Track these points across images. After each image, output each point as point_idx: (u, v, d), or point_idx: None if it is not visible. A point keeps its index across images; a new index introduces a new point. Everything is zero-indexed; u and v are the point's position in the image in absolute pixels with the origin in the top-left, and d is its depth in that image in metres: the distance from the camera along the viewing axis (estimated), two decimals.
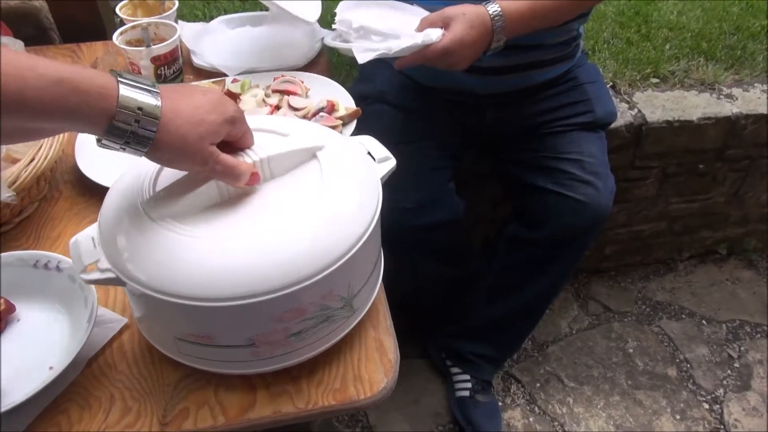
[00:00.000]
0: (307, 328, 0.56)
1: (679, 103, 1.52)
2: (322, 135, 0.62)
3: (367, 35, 0.90)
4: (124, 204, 0.56)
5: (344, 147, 0.61)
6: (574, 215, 1.15)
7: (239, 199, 0.57)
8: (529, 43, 1.09)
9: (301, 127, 0.64)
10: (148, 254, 0.52)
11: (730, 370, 1.57)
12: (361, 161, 0.62)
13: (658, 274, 1.82)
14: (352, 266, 0.55)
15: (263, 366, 0.59)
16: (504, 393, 1.52)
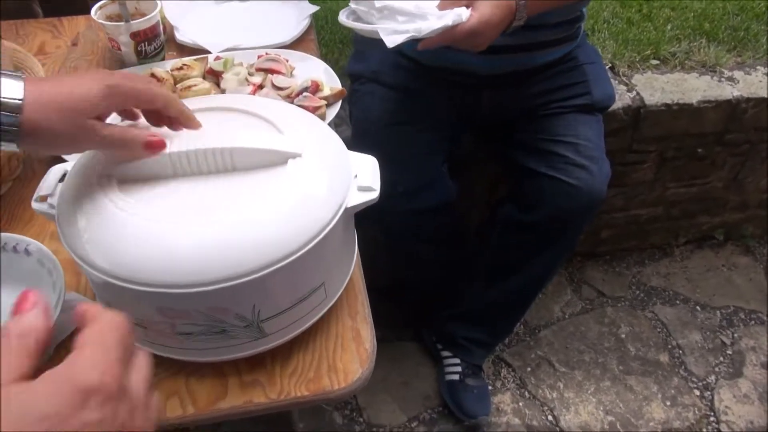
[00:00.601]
0: (275, 314, 0.55)
1: (678, 86, 1.49)
2: (309, 139, 0.58)
3: (392, 15, 0.86)
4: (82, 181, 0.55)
5: (322, 163, 0.57)
6: (567, 199, 1.13)
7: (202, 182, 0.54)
8: (532, 22, 1.05)
9: (294, 123, 0.59)
10: (101, 236, 0.50)
11: (723, 357, 1.56)
12: (334, 179, 0.57)
13: (653, 259, 1.80)
14: (317, 258, 0.53)
15: (232, 353, 0.57)
16: (494, 377, 1.52)
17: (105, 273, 0.50)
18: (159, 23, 0.94)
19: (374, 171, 0.59)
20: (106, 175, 0.55)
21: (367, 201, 0.57)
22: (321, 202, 0.54)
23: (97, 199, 0.53)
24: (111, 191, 0.53)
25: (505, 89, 1.16)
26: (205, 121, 0.59)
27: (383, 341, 1.56)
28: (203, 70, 0.92)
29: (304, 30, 1.06)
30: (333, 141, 0.61)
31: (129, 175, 0.55)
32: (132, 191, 0.54)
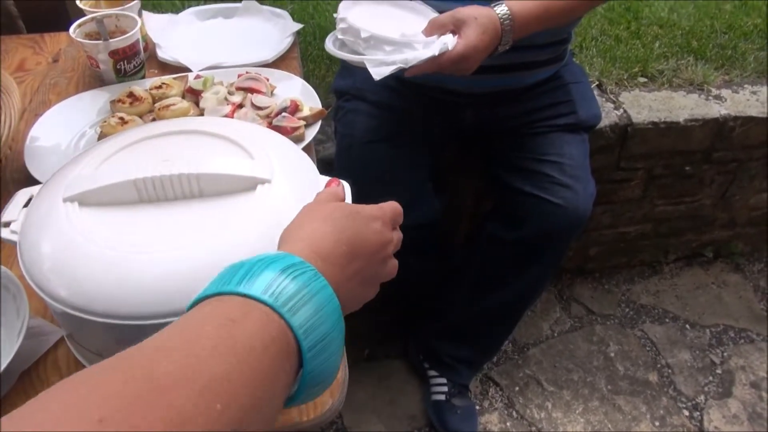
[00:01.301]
0: None
1: (666, 104, 1.49)
2: (280, 164, 0.56)
3: (378, 45, 0.85)
4: (46, 206, 0.53)
5: (292, 188, 0.55)
6: (551, 218, 1.12)
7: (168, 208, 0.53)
8: (519, 44, 1.05)
9: (266, 147, 0.58)
10: (61, 264, 0.49)
11: (712, 377, 1.55)
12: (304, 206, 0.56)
13: (643, 277, 1.79)
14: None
15: None
16: (482, 396, 1.50)
17: (62, 302, 0.49)
18: (139, 41, 0.94)
19: (345, 196, 0.58)
20: (71, 200, 0.54)
21: None
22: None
23: (59, 225, 0.52)
24: (74, 217, 0.52)
25: (489, 108, 1.16)
26: (174, 144, 0.58)
27: (372, 359, 1.57)
28: (183, 89, 0.91)
29: (287, 48, 1.06)
30: (305, 166, 0.60)
31: (93, 200, 0.53)
32: (96, 217, 0.52)
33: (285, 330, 0.34)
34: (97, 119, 0.88)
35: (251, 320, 0.33)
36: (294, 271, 0.37)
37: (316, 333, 0.35)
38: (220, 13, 1.18)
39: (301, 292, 0.36)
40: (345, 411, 1.46)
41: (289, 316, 0.34)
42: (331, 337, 0.37)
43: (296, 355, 0.35)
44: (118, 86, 0.93)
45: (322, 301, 0.36)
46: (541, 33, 1.05)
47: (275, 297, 0.35)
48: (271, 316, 0.34)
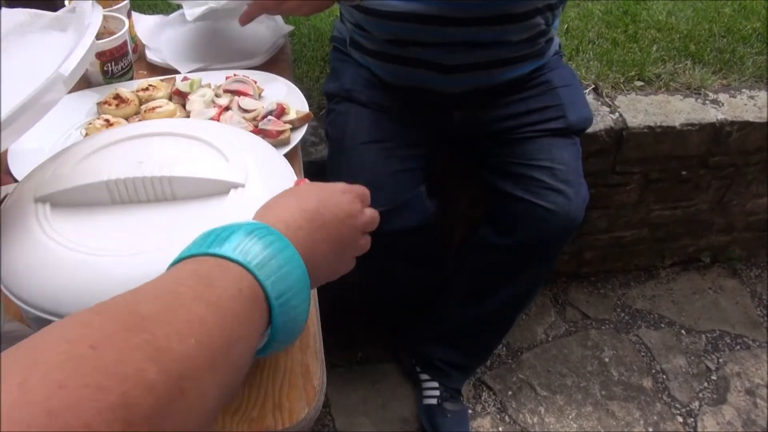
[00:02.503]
0: None
1: (662, 108, 1.48)
2: (256, 168, 0.56)
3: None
4: (18, 206, 0.53)
5: (266, 193, 0.54)
6: (543, 224, 1.11)
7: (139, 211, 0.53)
8: (489, 39, 1.05)
9: (242, 151, 0.58)
10: (29, 267, 0.49)
11: (707, 383, 1.54)
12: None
13: (639, 281, 1.78)
14: None
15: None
16: (474, 400, 1.49)
17: (34, 306, 0.49)
18: (127, 42, 0.93)
19: None
20: (42, 200, 0.53)
21: None
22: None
23: (29, 227, 0.51)
24: (44, 218, 0.52)
25: (475, 108, 1.16)
26: (152, 146, 0.58)
27: (364, 362, 1.56)
28: (169, 91, 0.90)
29: (278, 50, 1.05)
30: (282, 170, 0.59)
31: (65, 201, 0.53)
32: (67, 218, 0.52)
33: (254, 283, 0.39)
34: (84, 121, 0.87)
35: (224, 275, 0.38)
36: (259, 232, 0.41)
37: (282, 285, 0.40)
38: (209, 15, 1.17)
39: (265, 250, 0.40)
40: (337, 414, 1.45)
41: (257, 270, 0.39)
42: (297, 289, 0.41)
43: (265, 306, 0.39)
44: (106, 88, 0.92)
45: (285, 258, 0.41)
46: (509, 30, 1.05)
47: (244, 254, 0.39)
48: (241, 272, 0.39)
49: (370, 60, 1.17)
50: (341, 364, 1.54)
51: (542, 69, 1.17)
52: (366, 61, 1.18)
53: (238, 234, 0.40)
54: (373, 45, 1.15)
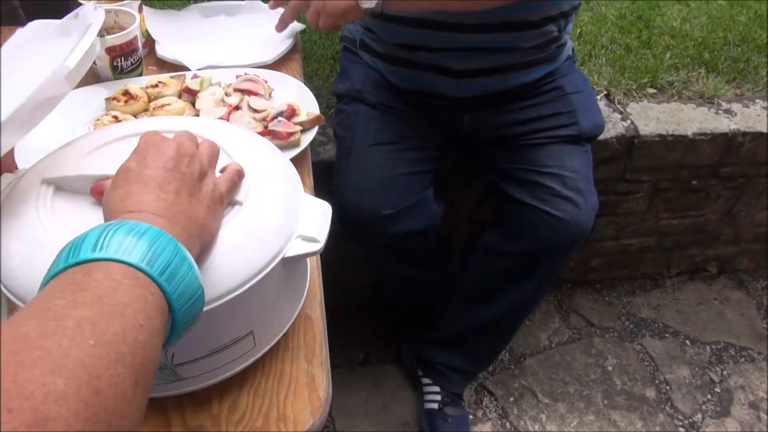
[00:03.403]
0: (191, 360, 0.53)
1: (674, 116, 1.46)
2: (258, 179, 0.55)
3: None
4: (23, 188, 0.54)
5: (264, 208, 0.53)
6: (551, 231, 1.10)
7: None
8: (500, 45, 1.04)
9: (248, 158, 0.56)
10: (18, 254, 0.49)
11: (710, 395, 1.53)
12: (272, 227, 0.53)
13: (644, 290, 1.77)
14: (242, 308, 0.51)
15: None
16: (476, 406, 1.48)
17: (11, 293, 0.48)
18: (137, 38, 0.92)
19: (323, 220, 0.56)
20: (47, 183, 0.54)
21: (308, 252, 0.54)
22: (253, 250, 0.51)
23: (26, 212, 0.51)
24: (43, 204, 0.52)
25: (485, 112, 1.15)
26: None
27: (366, 363, 1.55)
28: (179, 88, 0.89)
29: (289, 49, 1.04)
30: (286, 180, 0.58)
31: (69, 187, 0.54)
32: (65, 205, 0.52)
33: (130, 270, 0.38)
34: (92, 117, 0.86)
35: (92, 276, 0.37)
36: (112, 227, 0.40)
37: (160, 261, 0.39)
38: (223, 10, 1.16)
39: (128, 236, 0.39)
40: (337, 415, 1.44)
41: (125, 256, 0.38)
42: (176, 261, 0.40)
43: (154, 285, 0.38)
44: (115, 83, 0.91)
45: (152, 237, 0.40)
46: (520, 37, 1.03)
47: (104, 249, 0.38)
48: (112, 265, 0.38)
49: (379, 63, 1.16)
50: (342, 365, 1.53)
51: (554, 74, 1.16)
52: (375, 64, 1.17)
53: (92, 236, 0.39)
54: (382, 48, 1.14)
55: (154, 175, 0.45)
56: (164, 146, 0.48)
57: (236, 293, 0.49)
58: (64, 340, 0.32)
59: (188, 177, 0.47)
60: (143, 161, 0.46)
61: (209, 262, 0.48)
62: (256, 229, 0.52)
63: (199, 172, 0.48)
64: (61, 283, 0.37)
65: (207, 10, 1.16)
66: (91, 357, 0.32)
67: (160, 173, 0.46)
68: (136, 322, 0.36)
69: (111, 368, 0.32)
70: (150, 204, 0.43)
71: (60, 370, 0.30)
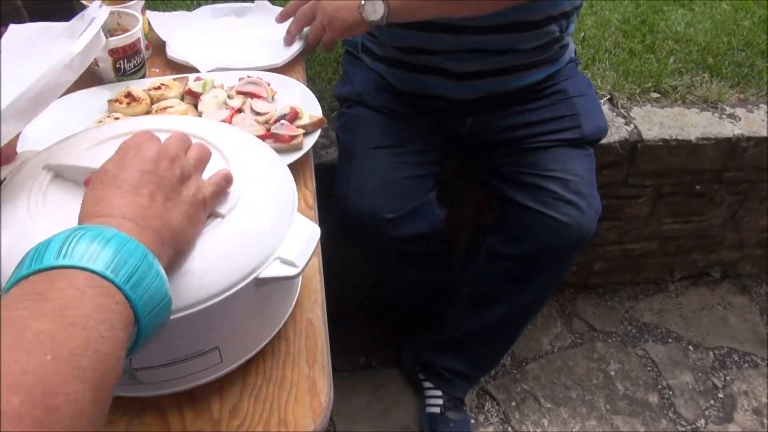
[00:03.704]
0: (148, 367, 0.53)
1: (678, 121, 1.46)
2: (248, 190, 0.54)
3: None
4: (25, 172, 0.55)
5: (246, 223, 0.52)
6: (554, 235, 1.09)
7: None
8: (501, 47, 1.04)
9: (244, 164, 0.56)
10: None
11: (713, 400, 1.52)
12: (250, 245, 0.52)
13: (647, 294, 1.76)
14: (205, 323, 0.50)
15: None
16: (477, 410, 1.48)
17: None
18: (140, 40, 0.92)
19: (307, 244, 0.54)
20: (48, 168, 0.54)
21: (284, 276, 0.52)
22: (226, 266, 0.50)
23: (19, 200, 0.51)
24: (37, 192, 0.52)
25: (487, 115, 1.15)
26: None
27: (366, 367, 1.55)
28: (182, 90, 0.89)
29: (298, 52, 1.04)
30: (278, 195, 0.57)
31: (65, 175, 0.54)
32: (59, 194, 0.53)
33: (93, 278, 0.37)
34: (95, 119, 0.86)
35: (55, 285, 0.36)
36: (77, 232, 0.39)
37: (126, 268, 0.38)
38: (233, 12, 1.16)
39: (93, 243, 0.38)
40: (338, 419, 1.44)
41: (89, 264, 0.37)
42: (143, 267, 0.39)
43: (119, 293, 0.37)
44: (118, 85, 0.91)
45: (118, 243, 0.39)
46: (520, 38, 1.03)
47: (68, 256, 0.37)
48: (77, 274, 0.37)
49: (380, 66, 1.16)
50: (343, 369, 1.53)
51: (556, 76, 1.16)
52: (377, 67, 1.17)
53: (56, 242, 0.38)
54: (383, 51, 1.14)
55: (129, 178, 0.45)
56: (145, 148, 0.47)
57: (201, 307, 0.48)
58: (23, 356, 0.31)
59: (166, 180, 0.46)
60: (121, 163, 0.46)
61: (179, 274, 0.47)
62: (234, 244, 0.50)
63: (180, 176, 0.47)
64: (24, 291, 0.36)
65: (218, 11, 1.16)
66: (47, 373, 0.31)
67: (135, 176, 0.45)
68: (98, 333, 0.35)
69: (69, 385, 0.32)
70: (120, 208, 0.43)
71: (16, 388, 0.30)
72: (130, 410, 0.57)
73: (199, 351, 0.53)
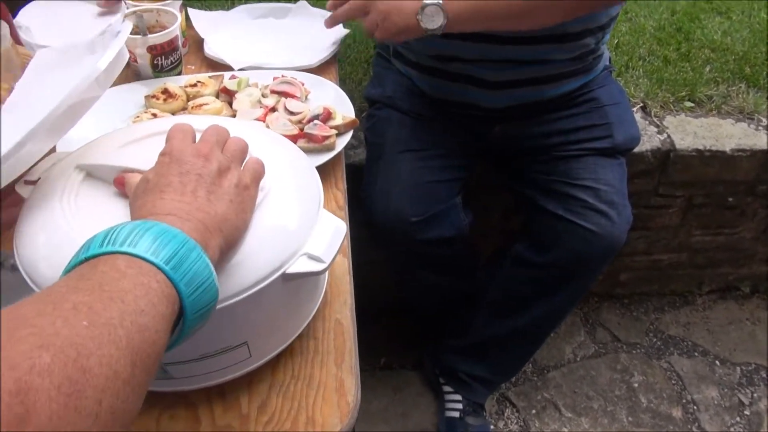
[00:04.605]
0: (179, 361, 0.53)
1: (712, 131, 1.43)
2: (276, 187, 0.55)
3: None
4: (57, 171, 0.56)
5: (270, 222, 0.53)
6: (583, 245, 1.08)
7: None
8: (535, 57, 1.03)
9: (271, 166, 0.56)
10: (37, 243, 0.51)
11: (739, 417, 1.49)
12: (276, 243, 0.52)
13: (673, 307, 1.73)
14: (233, 319, 0.51)
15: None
16: (497, 416, 1.47)
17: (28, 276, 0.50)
18: (178, 37, 0.93)
19: (333, 240, 0.54)
20: (80, 168, 0.55)
21: (311, 272, 0.52)
22: (253, 261, 0.50)
23: (52, 200, 0.52)
24: (69, 193, 0.53)
25: (518, 123, 1.14)
26: None
27: (387, 368, 1.55)
28: (217, 88, 0.90)
29: (333, 53, 1.04)
30: (306, 192, 0.57)
31: (96, 174, 0.55)
32: (90, 193, 0.54)
33: (132, 259, 0.39)
34: (132, 113, 0.88)
35: (97, 268, 0.38)
36: (119, 225, 0.41)
37: (166, 251, 0.40)
38: (272, 13, 1.17)
39: (133, 231, 0.40)
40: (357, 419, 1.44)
41: (130, 248, 0.39)
42: (184, 250, 0.41)
43: (160, 273, 0.39)
44: (154, 81, 0.93)
45: (158, 230, 0.40)
46: (555, 49, 1.02)
47: (110, 243, 0.39)
48: (113, 256, 0.39)
49: (411, 72, 1.16)
50: (364, 369, 1.51)
51: (590, 85, 1.14)
52: (407, 72, 1.17)
53: (101, 234, 0.41)
54: (415, 57, 1.13)
55: (169, 182, 0.47)
56: (179, 152, 0.49)
57: (230, 301, 0.49)
58: (58, 320, 0.32)
59: (205, 176, 0.47)
60: (160, 171, 0.48)
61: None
62: (262, 240, 0.51)
63: (218, 170, 0.49)
64: (69, 276, 0.38)
65: (255, 11, 1.17)
66: (81, 337, 0.32)
67: (175, 179, 0.47)
68: (137, 307, 0.36)
69: (103, 348, 0.33)
70: (163, 207, 0.45)
71: (48, 346, 0.31)
72: (160, 404, 0.57)
73: (228, 346, 0.54)
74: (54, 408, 0.29)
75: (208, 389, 0.58)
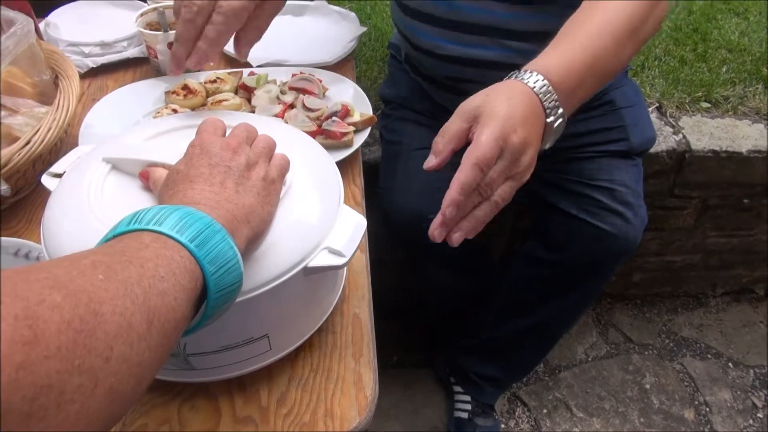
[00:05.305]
0: (201, 353, 0.54)
1: (728, 132, 1.42)
2: (296, 184, 0.56)
3: None
4: (84, 164, 0.57)
5: (293, 217, 0.53)
6: (597, 245, 1.08)
7: None
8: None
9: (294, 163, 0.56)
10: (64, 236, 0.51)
11: (753, 420, 1.48)
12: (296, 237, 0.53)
13: (687, 308, 1.72)
14: (255, 311, 0.52)
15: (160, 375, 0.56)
16: (508, 415, 1.47)
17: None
18: None
19: (354, 235, 0.55)
20: (107, 161, 0.56)
21: (332, 266, 0.53)
22: (275, 255, 0.51)
23: (79, 191, 0.54)
24: (96, 186, 0.54)
25: None
26: None
27: (399, 366, 1.55)
28: (236, 84, 0.91)
29: (351, 51, 1.05)
30: (326, 187, 0.58)
31: (122, 167, 0.56)
32: (116, 185, 0.55)
33: (157, 236, 0.40)
34: (152, 109, 0.89)
35: (121, 241, 0.39)
36: (146, 208, 0.42)
37: (190, 230, 0.40)
38: (290, 11, 1.18)
39: (160, 212, 0.41)
40: None
41: (156, 226, 0.40)
42: (208, 232, 0.41)
43: (184, 249, 0.40)
44: (175, 77, 0.93)
45: (183, 212, 0.42)
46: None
47: (137, 222, 0.41)
48: (139, 233, 0.40)
49: (423, 82, 1.15)
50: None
51: (605, 87, 1.14)
52: (420, 82, 1.16)
53: (129, 216, 0.42)
54: (426, 71, 1.13)
55: (199, 173, 0.48)
56: (209, 145, 0.50)
57: (252, 294, 0.49)
58: (74, 271, 0.33)
59: (234, 169, 0.49)
60: (190, 162, 0.49)
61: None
62: (283, 234, 0.52)
63: (246, 163, 0.50)
64: (95, 249, 0.39)
65: None
66: (96, 287, 0.32)
67: (205, 170, 0.48)
68: (156, 273, 0.36)
69: (117, 300, 0.33)
70: (193, 197, 0.46)
71: (60, 288, 0.31)
72: (182, 395, 0.58)
73: (250, 338, 0.55)
74: (63, 340, 0.29)
75: (228, 381, 0.58)
